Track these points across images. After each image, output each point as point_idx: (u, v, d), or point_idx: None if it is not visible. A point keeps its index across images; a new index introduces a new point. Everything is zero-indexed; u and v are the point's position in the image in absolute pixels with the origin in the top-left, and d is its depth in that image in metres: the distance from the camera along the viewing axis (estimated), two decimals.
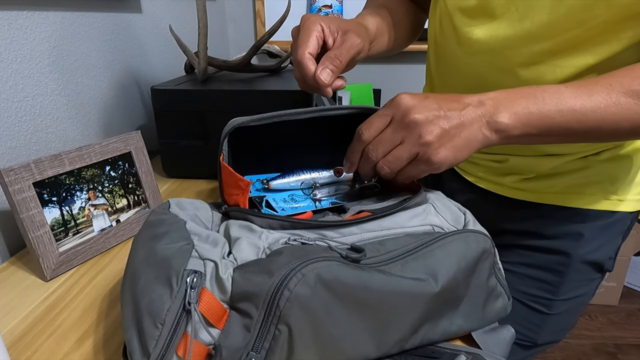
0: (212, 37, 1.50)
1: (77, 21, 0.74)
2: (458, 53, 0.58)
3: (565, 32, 0.47)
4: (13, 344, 0.43)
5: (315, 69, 0.49)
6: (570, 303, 0.65)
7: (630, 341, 1.71)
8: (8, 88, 0.60)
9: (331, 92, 0.51)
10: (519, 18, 0.50)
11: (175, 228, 0.38)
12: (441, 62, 0.64)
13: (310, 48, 0.50)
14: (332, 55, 0.50)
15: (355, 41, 0.52)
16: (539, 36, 0.49)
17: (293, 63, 0.53)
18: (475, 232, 0.41)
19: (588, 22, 0.45)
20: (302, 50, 0.50)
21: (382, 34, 0.64)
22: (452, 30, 0.58)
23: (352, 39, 0.52)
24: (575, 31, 0.47)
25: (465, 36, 0.55)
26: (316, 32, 0.51)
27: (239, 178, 0.42)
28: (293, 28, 0.56)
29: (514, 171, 0.63)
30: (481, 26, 0.54)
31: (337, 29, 0.52)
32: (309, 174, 0.53)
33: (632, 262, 1.89)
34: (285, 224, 0.40)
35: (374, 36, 0.62)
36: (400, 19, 0.69)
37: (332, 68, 0.49)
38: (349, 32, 0.52)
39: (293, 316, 0.32)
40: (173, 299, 0.32)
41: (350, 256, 0.35)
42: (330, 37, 0.52)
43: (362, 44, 0.53)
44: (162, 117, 0.78)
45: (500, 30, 0.52)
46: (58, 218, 0.54)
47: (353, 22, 0.57)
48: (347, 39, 0.51)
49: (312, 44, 0.51)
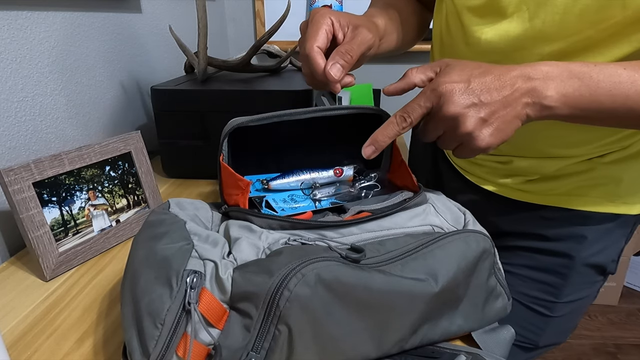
0: (212, 37, 1.50)
1: (77, 21, 0.74)
2: (466, 53, 0.57)
3: (578, 32, 0.46)
4: (13, 344, 0.43)
5: (324, 64, 0.48)
6: (572, 306, 0.65)
7: (630, 341, 1.71)
8: (8, 88, 0.60)
9: (340, 88, 0.50)
10: (530, 17, 0.49)
11: (175, 228, 0.38)
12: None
13: (319, 42, 0.49)
14: (342, 50, 0.48)
15: (366, 36, 0.50)
16: (550, 36, 0.48)
17: (301, 58, 0.52)
18: (475, 232, 0.41)
19: (602, 23, 0.45)
20: (310, 44, 0.49)
21: (390, 32, 0.63)
22: (460, 30, 0.57)
23: (363, 33, 0.50)
24: (588, 32, 0.46)
25: (474, 35, 0.54)
26: (325, 25, 0.49)
27: (239, 178, 0.42)
28: (302, 22, 0.54)
29: (517, 173, 0.63)
30: (491, 25, 0.52)
31: (348, 24, 0.51)
32: (309, 174, 0.53)
33: (632, 262, 1.89)
34: (285, 224, 0.40)
35: (383, 33, 0.60)
36: (407, 17, 0.68)
37: (342, 63, 0.48)
38: (360, 27, 0.51)
39: (293, 316, 0.32)
40: (173, 299, 0.32)
41: (350, 256, 0.35)
42: (340, 32, 0.51)
43: (373, 40, 0.52)
44: (162, 117, 0.78)
45: (511, 29, 0.50)
46: (58, 218, 0.54)
47: (363, 18, 0.55)
48: (358, 34, 0.50)
49: (321, 38, 0.49)
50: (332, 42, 0.51)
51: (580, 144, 0.56)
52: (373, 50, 0.54)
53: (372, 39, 0.51)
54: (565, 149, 0.57)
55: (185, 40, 1.18)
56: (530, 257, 0.65)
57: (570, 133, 0.54)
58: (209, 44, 0.80)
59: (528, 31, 0.49)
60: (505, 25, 0.51)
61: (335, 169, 0.52)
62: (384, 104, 1.82)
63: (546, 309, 0.64)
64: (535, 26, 0.48)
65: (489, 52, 0.53)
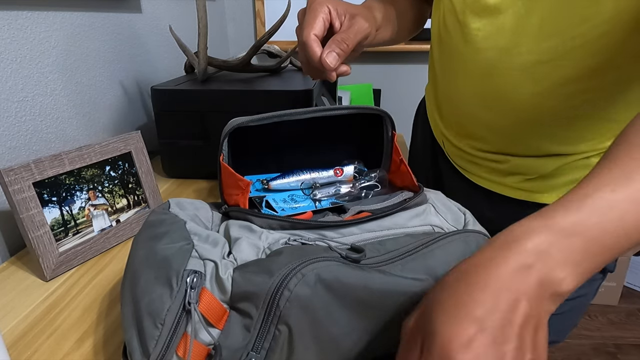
0: (212, 37, 1.50)
1: (76, 21, 0.74)
2: (464, 50, 0.57)
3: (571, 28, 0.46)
4: (13, 344, 0.43)
5: (321, 52, 0.48)
6: (572, 303, 0.65)
7: (630, 341, 1.71)
8: (8, 88, 0.60)
9: (335, 76, 0.50)
10: (526, 13, 0.49)
11: (175, 228, 0.38)
12: (446, 60, 0.64)
13: (316, 30, 0.49)
14: (339, 39, 0.48)
15: (363, 25, 0.50)
16: (545, 32, 0.48)
17: (298, 45, 0.52)
18: (475, 232, 0.41)
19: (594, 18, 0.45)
20: (307, 31, 0.49)
21: (387, 23, 0.63)
22: (458, 27, 0.57)
23: (359, 22, 0.50)
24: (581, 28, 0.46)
25: (472, 33, 0.55)
26: (323, 14, 0.49)
27: (239, 178, 0.42)
28: (299, 10, 0.54)
29: (516, 171, 0.63)
30: (488, 22, 0.53)
31: (345, 12, 0.51)
32: (309, 174, 0.53)
33: (632, 262, 1.89)
34: (285, 224, 0.40)
35: (380, 24, 0.61)
36: (405, 9, 0.68)
37: (338, 52, 0.48)
38: (357, 16, 0.51)
39: (293, 316, 0.32)
40: (173, 299, 0.32)
41: (350, 256, 0.35)
42: (337, 20, 0.51)
43: (370, 29, 0.52)
44: (162, 117, 0.78)
45: (507, 26, 0.51)
46: (58, 218, 0.54)
47: (361, 7, 0.56)
48: (355, 23, 0.50)
49: (318, 26, 0.49)
50: (329, 30, 0.51)
51: (578, 141, 0.57)
52: (369, 39, 0.54)
53: (368, 28, 0.51)
54: (563, 145, 0.58)
55: (185, 40, 1.18)
56: None
57: (567, 129, 0.55)
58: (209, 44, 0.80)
59: (526, 27, 0.49)
60: (502, 21, 0.51)
61: (336, 169, 0.52)
62: (384, 104, 1.82)
63: None
64: (533, 22, 0.49)
65: (487, 48, 0.54)
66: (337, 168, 0.52)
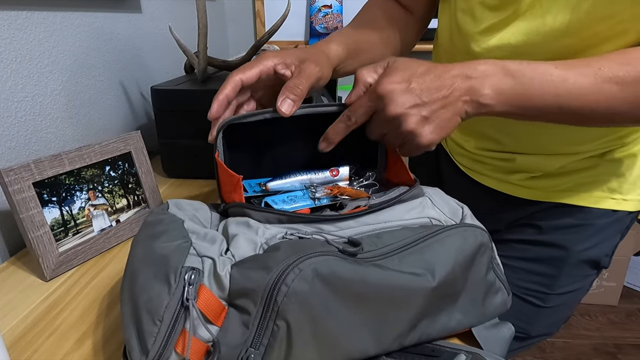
0: (212, 37, 1.50)
1: (77, 21, 0.74)
2: (476, 50, 0.56)
3: (587, 28, 0.47)
4: (13, 344, 0.43)
5: (217, 109, 0.48)
6: (565, 297, 0.66)
7: (630, 341, 1.71)
8: (8, 88, 0.60)
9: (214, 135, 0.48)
10: (542, 13, 0.49)
11: (173, 227, 0.38)
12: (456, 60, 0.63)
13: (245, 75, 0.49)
14: (291, 85, 0.48)
15: (313, 70, 0.51)
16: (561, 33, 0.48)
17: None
18: (473, 226, 0.41)
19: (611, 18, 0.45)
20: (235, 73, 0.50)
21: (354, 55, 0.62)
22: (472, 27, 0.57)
23: (309, 68, 0.51)
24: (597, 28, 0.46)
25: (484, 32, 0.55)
26: (262, 66, 0.50)
27: (230, 174, 0.43)
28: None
29: (521, 169, 0.63)
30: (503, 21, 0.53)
31: (293, 61, 0.51)
32: (306, 175, 0.53)
33: (632, 262, 1.89)
34: (282, 217, 0.40)
35: (340, 60, 0.60)
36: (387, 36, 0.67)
37: (292, 97, 0.48)
38: (307, 62, 0.51)
39: (291, 312, 0.32)
40: (171, 295, 0.32)
41: (347, 250, 0.35)
42: (287, 70, 0.51)
43: (321, 72, 0.52)
44: (162, 117, 0.78)
45: (522, 25, 0.51)
46: (58, 218, 0.54)
47: (313, 50, 0.56)
48: (305, 68, 0.50)
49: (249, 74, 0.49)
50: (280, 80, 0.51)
51: (584, 141, 0.57)
52: (323, 81, 0.54)
53: (319, 72, 0.51)
54: (570, 145, 0.58)
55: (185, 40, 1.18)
56: (526, 249, 0.66)
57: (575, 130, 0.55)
58: (209, 44, 0.80)
59: (540, 27, 0.49)
60: (517, 21, 0.51)
61: (331, 169, 0.52)
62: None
63: (539, 300, 0.66)
64: (547, 22, 0.49)
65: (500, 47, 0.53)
66: (333, 169, 0.52)
